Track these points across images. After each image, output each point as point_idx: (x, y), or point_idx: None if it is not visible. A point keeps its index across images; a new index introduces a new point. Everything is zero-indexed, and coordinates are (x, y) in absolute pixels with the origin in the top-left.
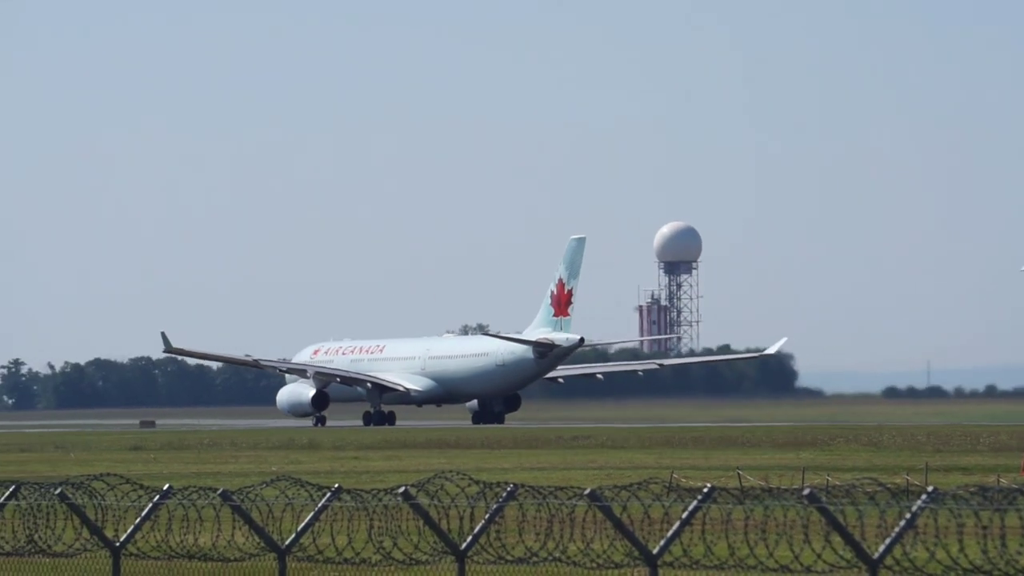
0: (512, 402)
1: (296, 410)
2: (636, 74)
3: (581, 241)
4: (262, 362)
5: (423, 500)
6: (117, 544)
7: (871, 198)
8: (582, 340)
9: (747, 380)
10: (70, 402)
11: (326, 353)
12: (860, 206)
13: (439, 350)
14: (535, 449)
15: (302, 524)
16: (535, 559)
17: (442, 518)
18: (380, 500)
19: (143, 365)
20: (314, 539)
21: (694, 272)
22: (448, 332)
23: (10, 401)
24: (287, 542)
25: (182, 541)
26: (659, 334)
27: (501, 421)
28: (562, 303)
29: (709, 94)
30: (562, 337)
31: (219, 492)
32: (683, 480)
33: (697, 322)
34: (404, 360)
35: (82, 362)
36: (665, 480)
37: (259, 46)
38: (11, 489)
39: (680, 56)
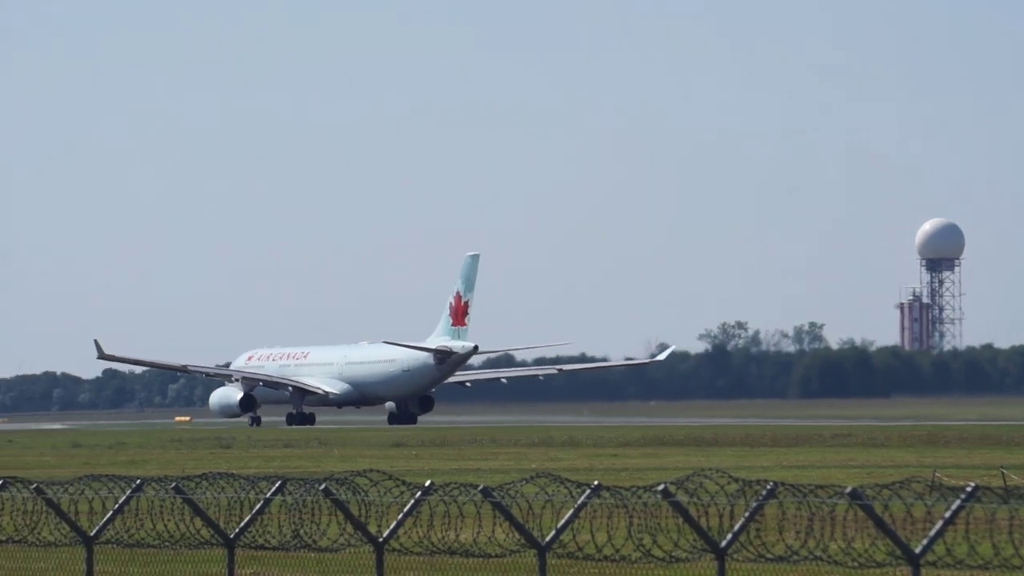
0: (426, 403)
1: (226, 411)
2: (903, 70)
3: (475, 258)
4: (190, 367)
5: (682, 498)
6: (380, 539)
7: None
8: (476, 348)
9: (1010, 377)
10: None
11: (259, 359)
12: None
13: (355, 357)
14: (795, 447)
15: (562, 521)
16: (795, 557)
17: (701, 516)
18: (639, 497)
19: None
20: (574, 536)
21: (956, 269)
22: (363, 340)
23: None
24: (547, 539)
25: (443, 537)
26: (921, 332)
27: (414, 421)
28: (459, 314)
29: (974, 90)
30: (459, 345)
31: (480, 488)
32: (945, 479)
33: (960, 320)
34: (324, 366)
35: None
36: (927, 479)
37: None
38: (277, 484)
39: (942, 51)
